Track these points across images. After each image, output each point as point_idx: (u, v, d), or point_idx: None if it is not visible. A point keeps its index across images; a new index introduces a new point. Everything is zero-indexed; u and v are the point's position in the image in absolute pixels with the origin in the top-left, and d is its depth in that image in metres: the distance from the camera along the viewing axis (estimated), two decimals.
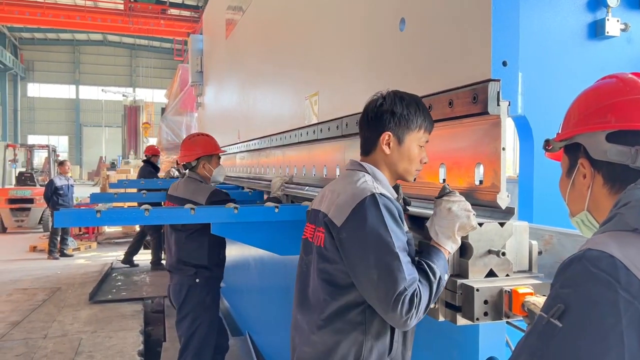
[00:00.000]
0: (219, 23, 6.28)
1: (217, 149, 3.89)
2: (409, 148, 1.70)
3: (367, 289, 1.54)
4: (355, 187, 1.63)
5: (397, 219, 1.56)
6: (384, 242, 1.51)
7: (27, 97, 44.24)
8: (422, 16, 1.92)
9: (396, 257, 1.49)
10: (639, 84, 1.16)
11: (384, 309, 1.50)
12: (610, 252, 0.92)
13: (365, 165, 1.74)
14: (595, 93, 1.24)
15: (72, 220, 2.35)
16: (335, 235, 1.62)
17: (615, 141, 1.13)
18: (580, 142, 1.20)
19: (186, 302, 3.63)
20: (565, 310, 0.92)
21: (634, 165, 1.10)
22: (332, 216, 1.64)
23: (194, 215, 2.42)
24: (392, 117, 1.68)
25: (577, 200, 1.24)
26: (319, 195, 1.85)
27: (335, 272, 1.63)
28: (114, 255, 10.39)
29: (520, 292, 1.49)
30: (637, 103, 1.14)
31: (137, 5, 23.25)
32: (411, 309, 1.46)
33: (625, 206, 1.02)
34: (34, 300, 7.14)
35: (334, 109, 2.70)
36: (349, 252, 1.58)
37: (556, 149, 1.27)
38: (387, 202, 1.57)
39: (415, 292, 1.46)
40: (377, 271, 1.50)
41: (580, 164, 1.20)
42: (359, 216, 1.55)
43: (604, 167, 1.15)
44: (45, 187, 10.86)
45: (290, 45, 3.53)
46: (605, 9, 2.34)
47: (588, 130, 1.18)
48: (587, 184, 1.19)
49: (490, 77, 1.54)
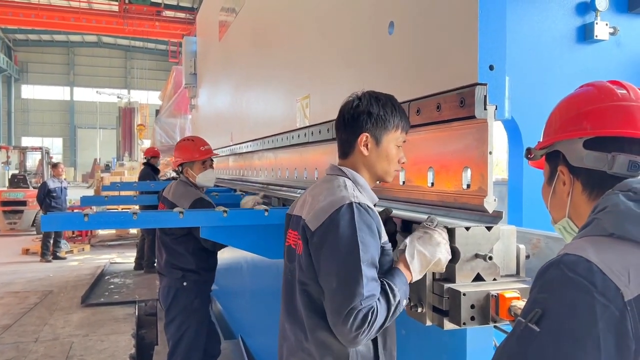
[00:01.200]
0: (212, 25, 6.28)
1: (198, 156, 3.76)
2: (386, 148, 1.69)
3: (326, 297, 1.52)
4: (335, 194, 1.61)
5: (372, 231, 1.53)
6: (351, 253, 1.48)
7: (21, 98, 44.06)
8: (410, 20, 1.93)
9: (359, 270, 1.46)
10: (615, 92, 1.18)
11: (333, 321, 1.48)
12: (587, 257, 0.93)
13: (345, 169, 1.72)
14: (572, 101, 1.26)
15: (59, 224, 2.34)
16: (308, 240, 1.61)
17: (592, 148, 1.15)
18: (560, 149, 1.22)
19: (173, 306, 3.62)
20: (542, 314, 0.93)
21: (611, 172, 1.11)
22: (308, 221, 1.63)
23: (182, 219, 2.41)
24: (369, 117, 1.66)
25: (558, 207, 1.25)
26: (300, 199, 1.83)
27: (310, 283, 1.61)
28: (107, 257, 10.35)
29: (507, 297, 1.49)
30: (612, 110, 1.16)
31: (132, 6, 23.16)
32: (363, 325, 1.42)
33: (602, 211, 1.03)
34: (25, 303, 7.10)
35: (325, 112, 2.69)
36: (316, 257, 1.57)
37: (537, 157, 1.29)
38: (364, 213, 1.54)
39: (371, 310, 1.44)
40: (336, 280, 1.48)
41: (560, 171, 1.22)
42: (333, 223, 1.53)
43: (582, 173, 1.17)
44: (38, 189, 10.81)
45: (281, 48, 3.53)
46: (594, 13, 2.35)
47: (565, 137, 1.20)
48: (567, 190, 1.21)
49: (477, 81, 1.54)
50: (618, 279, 0.89)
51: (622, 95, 1.17)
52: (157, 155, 9.38)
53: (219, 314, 6.12)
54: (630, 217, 0.97)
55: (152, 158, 9.24)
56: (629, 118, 1.14)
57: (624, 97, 1.17)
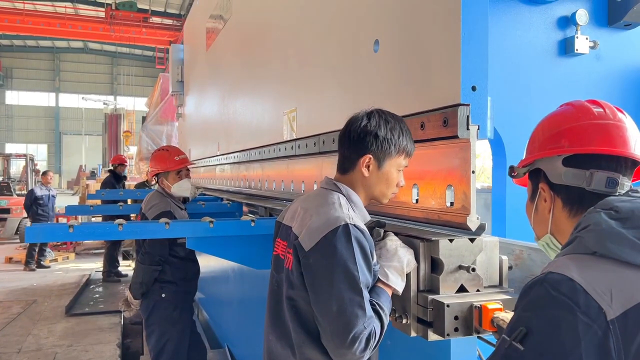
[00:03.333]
0: (199, 33, 6.28)
1: (172, 166, 3.73)
2: (388, 172, 1.68)
3: (323, 320, 1.50)
4: (329, 212, 1.59)
5: (366, 254, 1.53)
6: (350, 275, 1.47)
7: (5, 104, 43.51)
8: (395, 39, 1.95)
9: (359, 293, 1.46)
10: (591, 110, 1.22)
11: (337, 344, 1.46)
12: (571, 276, 0.95)
13: (340, 185, 1.70)
14: (551, 120, 1.30)
15: (44, 235, 2.32)
16: (301, 259, 1.58)
17: (571, 165, 1.18)
18: (540, 167, 1.25)
19: (152, 317, 3.59)
20: (526, 333, 0.94)
21: (590, 188, 1.14)
22: (301, 240, 1.60)
23: (168, 230, 2.40)
24: (375, 140, 1.64)
25: (540, 224, 1.28)
26: (290, 208, 1.81)
27: (299, 300, 1.59)
28: (93, 266, 10.23)
29: (489, 308, 1.51)
30: (589, 128, 1.19)
31: (118, 13, 23.05)
32: (366, 349, 1.44)
33: (584, 229, 1.05)
34: (8, 313, 6.99)
35: (311, 126, 2.71)
36: (312, 279, 1.54)
37: (520, 174, 1.32)
38: (360, 235, 1.53)
39: (372, 332, 1.45)
40: (337, 304, 1.46)
41: (541, 188, 1.25)
42: (329, 245, 1.51)
43: (562, 190, 1.20)
44: (25, 196, 10.68)
45: (269, 61, 3.55)
46: (575, 27, 2.40)
47: (544, 155, 1.24)
48: (548, 207, 1.24)
49: (459, 101, 1.57)
50: (601, 298, 0.91)
51: (599, 114, 1.21)
52: (124, 162, 9.33)
53: (205, 323, 6.09)
54: (611, 235, 0.99)
55: (118, 166, 9.19)
56: (605, 136, 1.17)
57: (600, 115, 1.21)
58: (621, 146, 1.16)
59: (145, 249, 3.46)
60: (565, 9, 2.40)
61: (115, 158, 9.79)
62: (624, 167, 1.16)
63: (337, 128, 2.25)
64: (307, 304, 1.57)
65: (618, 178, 1.13)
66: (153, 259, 3.45)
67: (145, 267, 3.45)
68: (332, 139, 2.40)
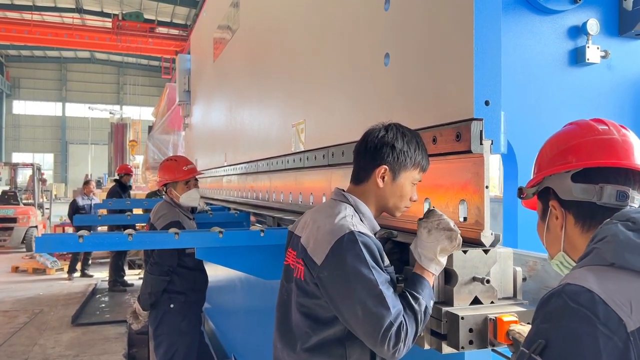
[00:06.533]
0: (207, 44, 6.32)
1: (181, 176, 3.72)
2: (402, 185, 1.68)
3: (354, 326, 1.52)
4: (334, 222, 1.60)
5: (375, 256, 1.54)
6: (365, 279, 1.49)
7: (13, 114, 43.84)
8: (406, 53, 1.94)
9: (379, 292, 1.47)
10: (595, 127, 1.25)
11: (372, 344, 1.50)
12: (589, 287, 0.94)
13: (348, 196, 1.71)
14: (556, 139, 1.32)
15: (54, 245, 2.32)
16: (315, 274, 1.59)
17: (580, 180, 1.19)
18: (549, 185, 1.26)
19: (160, 328, 3.57)
20: (546, 345, 0.93)
21: (600, 202, 1.15)
22: (311, 252, 1.61)
23: (178, 240, 2.40)
24: (392, 151, 1.64)
25: (553, 243, 1.29)
26: (302, 218, 1.83)
27: (314, 307, 1.61)
28: (99, 275, 10.23)
29: (505, 320, 1.49)
30: (595, 143, 1.22)
31: (125, 23, 23.28)
32: (398, 342, 1.45)
33: (601, 241, 1.04)
34: (15, 322, 6.99)
35: (320, 138, 2.71)
36: (330, 291, 1.55)
37: (530, 195, 1.33)
38: (366, 239, 1.55)
39: (401, 325, 1.45)
40: (361, 308, 1.48)
41: (551, 205, 1.26)
42: (338, 255, 1.53)
43: (573, 206, 1.21)
44: (68, 206, 10.78)
45: (278, 73, 3.56)
46: (586, 36, 2.39)
47: (553, 171, 1.25)
48: (560, 224, 1.25)
49: (473, 116, 1.56)
50: (620, 310, 0.90)
51: (603, 130, 1.24)
52: (130, 172, 9.37)
53: (211, 333, 6.06)
54: (629, 246, 0.98)
55: (124, 175, 9.23)
56: (611, 150, 1.20)
57: (604, 131, 1.24)
58: (627, 159, 1.18)
59: (155, 259, 3.45)
60: (576, 18, 2.40)
61: (121, 167, 9.84)
62: (632, 181, 1.17)
63: (346, 141, 2.24)
64: (325, 310, 1.59)
65: (628, 191, 1.15)
66: (162, 269, 3.44)
67: (154, 277, 3.45)
68: (341, 152, 2.40)
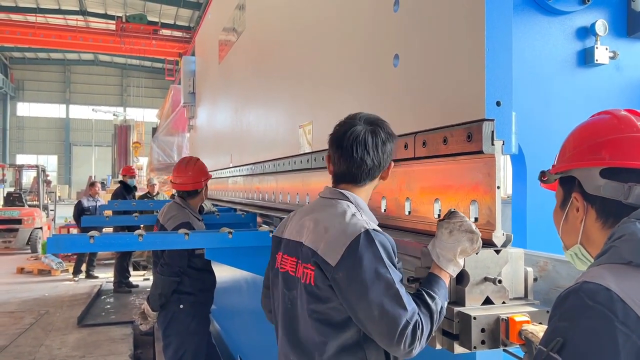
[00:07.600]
0: (211, 46, 6.33)
1: (203, 182, 3.89)
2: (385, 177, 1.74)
3: (369, 326, 1.50)
4: (345, 222, 1.58)
5: (391, 255, 1.54)
6: (383, 279, 1.48)
7: (17, 116, 44.03)
8: (416, 54, 1.94)
9: (396, 292, 1.46)
10: (633, 122, 1.20)
11: (387, 344, 1.49)
12: (607, 285, 0.94)
13: (346, 193, 1.69)
14: (590, 129, 1.27)
15: (65, 246, 2.33)
16: (329, 275, 1.55)
17: (609, 177, 1.16)
18: (575, 175, 1.23)
19: (170, 328, 3.58)
20: (564, 343, 0.93)
21: (627, 202, 1.12)
22: (323, 254, 1.57)
23: (187, 241, 2.41)
24: (394, 145, 1.70)
25: (570, 234, 1.26)
26: (293, 223, 1.78)
27: (329, 311, 1.57)
28: (104, 276, 10.25)
29: (517, 320, 1.49)
30: (631, 141, 1.17)
31: (129, 25, 23.37)
32: (414, 342, 1.44)
33: (619, 239, 1.04)
34: (21, 324, 7.01)
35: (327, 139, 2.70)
36: (346, 292, 1.52)
37: (551, 180, 1.30)
38: (382, 237, 1.54)
39: (417, 324, 1.45)
40: (378, 309, 1.46)
41: (574, 197, 1.23)
42: (355, 255, 1.51)
43: (597, 201, 1.18)
44: (74, 207, 10.78)
45: (284, 74, 3.55)
46: (594, 37, 2.39)
47: (583, 165, 1.21)
48: (580, 217, 1.22)
49: (484, 116, 1.55)
50: (639, 308, 0.90)
51: None
52: (133, 174, 9.41)
53: (217, 335, 6.07)
54: None
55: (127, 177, 9.27)
56: None
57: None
58: None
59: (165, 260, 3.47)
60: (584, 19, 2.40)
61: (125, 169, 9.86)
62: None
63: None
64: (340, 313, 1.56)
65: None
66: (172, 270, 3.46)
67: (164, 278, 3.46)
68: None
